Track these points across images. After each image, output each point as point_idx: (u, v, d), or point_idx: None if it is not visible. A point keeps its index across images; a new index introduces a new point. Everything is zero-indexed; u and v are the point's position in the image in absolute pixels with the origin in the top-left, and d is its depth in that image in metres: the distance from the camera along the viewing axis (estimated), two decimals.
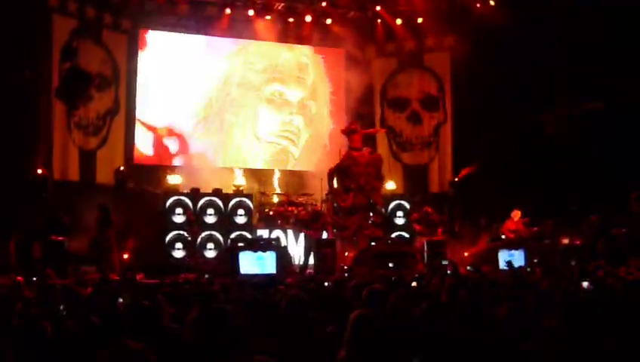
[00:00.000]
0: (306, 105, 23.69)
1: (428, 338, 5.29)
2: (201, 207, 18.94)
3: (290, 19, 22.65)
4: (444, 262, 15.09)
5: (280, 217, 19.18)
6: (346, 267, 16.41)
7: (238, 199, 19.39)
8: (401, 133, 24.18)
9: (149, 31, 21.91)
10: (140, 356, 3.17)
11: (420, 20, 23.23)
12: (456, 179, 22.00)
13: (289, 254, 16.57)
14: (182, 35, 22.33)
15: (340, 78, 24.00)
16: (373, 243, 16.96)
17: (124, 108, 21.05)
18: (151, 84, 21.72)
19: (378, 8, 22.96)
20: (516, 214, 18.56)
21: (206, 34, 22.56)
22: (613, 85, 18.62)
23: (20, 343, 4.55)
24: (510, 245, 17.27)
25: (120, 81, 21.01)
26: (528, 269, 13.82)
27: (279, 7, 22.37)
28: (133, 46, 21.41)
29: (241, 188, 19.98)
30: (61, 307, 6.44)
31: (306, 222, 17.50)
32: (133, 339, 3.37)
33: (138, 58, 21.44)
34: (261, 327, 5.80)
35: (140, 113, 21.43)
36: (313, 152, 23.24)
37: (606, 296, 6.72)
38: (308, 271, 16.40)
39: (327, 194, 19.21)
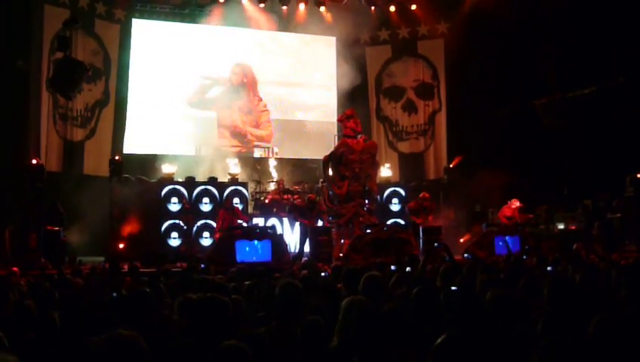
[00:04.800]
0: (301, 92, 23.74)
1: (421, 325, 5.31)
2: (196, 195, 18.96)
3: (284, 8, 22.58)
4: (436, 245, 15.08)
5: (275, 205, 19.20)
6: (341, 254, 16.42)
7: (233, 187, 19.40)
8: (396, 123, 24.21)
9: (142, 20, 21.88)
10: (133, 344, 3.17)
11: (413, 7, 23.22)
12: (451, 166, 22.05)
13: (284, 242, 16.56)
14: (175, 23, 22.31)
15: (334, 66, 24.02)
16: (368, 231, 16.96)
17: (114, 99, 21.01)
18: (143, 73, 21.73)
19: None
20: (514, 202, 18.59)
21: (200, 23, 22.53)
22: (606, 69, 18.62)
23: (14, 332, 4.56)
24: (506, 231, 17.28)
25: (111, 72, 20.96)
26: (525, 257, 13.83)
27: None
28: (126, 36, 21.37)
29: (236, 177, 19.99)
30: (56, 296, 6.45)
31: (302, 210, 17.50)
32: (126, 328, 3.38)
33: (130, 48, 21.41)
34: (256, 314, 5.82)
35: (131, 102, 21.47)
36: (308, 140, 23.24)
37: (599, 281, 6.75)
38: (303, 258, 16.40)
39: (322, 182, 19.22)
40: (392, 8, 23.35)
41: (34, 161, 16.77)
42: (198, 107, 22.37)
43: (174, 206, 18.65)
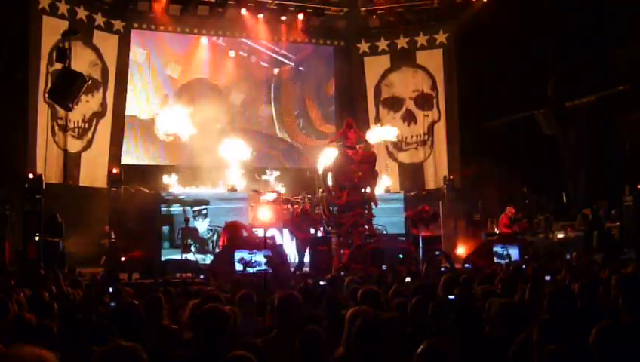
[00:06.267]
0: (299, 102, 23.84)
1: (421, 333, 5.30)
2: (195, 206, 18.91)
3: (283, 18, 22.66)
4: (437, 253, 15.09)
5: (275, 216, 19.15)
6: (341, 264, 16.40)
7: (232, 197, 19.40)
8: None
9: (141, 31, 21.93)
10: (132, 355, 3.17)
11: (412, 17, 23.29)
12: (451, 177, 22.04)
13: (284, 252, 16.53)
14: (174, 34, 22.37)
15: (332, 76, 24.12)
16: (368, 240, 16.96)
17: (111, 110, 21.02)
18: (141, 83, 21.79)
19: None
20: (510, 210, 18.61)
21: (199, 33, 22.59)
22: (606, 79, 18.67)
23: (13, 344, 4.54)
24: (505, 240, 17.28)
25: (108, 83, 20.97)
26: (524, 266, 13.84)
27: (272, 6, 22.38)
28: (124, 46, 21.39)
29: (235, 187, 19.98)
30: (55, 307, 6.44)
31: (295, 222, 17.50)
32: (125, 338, 3.39)
33: (129, 58, 21.45)
34: (256, 325, 5.82)
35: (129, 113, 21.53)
36: (307, 149, 23.28)
37: (598, 290, 6.75)
38: (304, 269, 16.39)
39: (321, 192, 19.21)
40: (391, 18, 23.40)
41: (33, 173, 16.78)
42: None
43: (173, 217, 18.61)
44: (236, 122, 23.19)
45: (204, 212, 18.92)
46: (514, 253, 16.50)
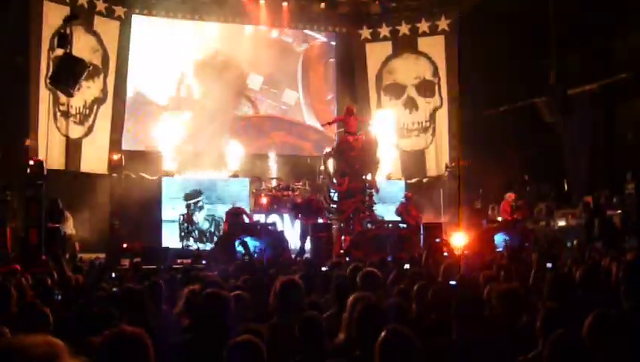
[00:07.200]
0: (300, 89, 23.77)
1: (424, 320, 5.33)
2: (196, 191, 18.93)
3: (284, 4, 22.56)
4: (437, 240, 15.10)
5: (276, 202, 19.19)
6: (342, 251, 16.43)
7: (233, 184, 19.42)
8: (397, 120, 24.14)
9: (142, 17, 21.86)
10: (136, 341, 3.18)
11: (414, 4, 23.21)
12: (453, 164, 22.01)
13: (285, 239, 16.58)
14: (176, 20, 22.31)
15: (333, 62, 24.06)
16: (369, 227, 16.99)
17: (112, 96, 20.98)
18: (143, 69, 21.77)
19: None
20: (510, 196, 18.61)
21: (200, 19, 22.53)
22: (608, 67, 18.63)
23: (17, 330, 4.56)
24: (506, 227, 17.28)
25: (109, 69, 20.91)
26: (524, 255, 13.85)
27: None
28: (125, 32, 21.32)
29: (236, 173, 20.00)
30: (57, 293, 6.47)
31: (301, 208, 17.52)
32: (127, 323, 3.40)
33: (130, 44, 21.39)
34: (256, 312, 5.83)
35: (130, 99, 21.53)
36: (309, 136, 23.25)
37: (600, 277, 6.76)
38: (305, 255, 16.43)
39: (322, 178, 19.22)
40: (393, 4, 23.32)
41: (34, 159, 16.78)
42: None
43: (174, 202, 18.64)
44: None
45: (200, 204, 18.90)
46: (515, 240, 16.53)
